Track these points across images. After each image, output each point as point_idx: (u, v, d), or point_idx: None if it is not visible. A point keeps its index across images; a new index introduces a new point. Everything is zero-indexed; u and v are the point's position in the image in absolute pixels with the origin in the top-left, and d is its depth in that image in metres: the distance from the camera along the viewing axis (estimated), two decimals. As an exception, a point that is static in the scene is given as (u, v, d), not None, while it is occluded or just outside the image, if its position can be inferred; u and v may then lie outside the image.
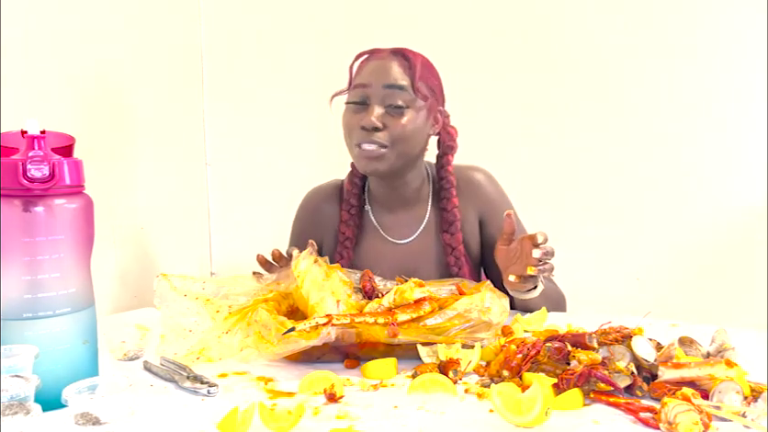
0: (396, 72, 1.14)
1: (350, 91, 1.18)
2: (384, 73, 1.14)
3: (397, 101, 1.13)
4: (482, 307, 0.94)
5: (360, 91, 1.15)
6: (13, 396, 0.66)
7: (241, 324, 0.96)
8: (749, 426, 0.69)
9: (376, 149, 1.14)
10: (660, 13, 1.61)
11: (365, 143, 1.14)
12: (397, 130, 1.14)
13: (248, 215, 1.77)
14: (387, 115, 1.14)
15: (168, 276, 1.02)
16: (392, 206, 1.27)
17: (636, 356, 0.82)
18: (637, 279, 1.64)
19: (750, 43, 1.54)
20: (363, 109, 1.15)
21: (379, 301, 0.97)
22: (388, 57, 1.16)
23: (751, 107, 1.58)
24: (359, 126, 1.14)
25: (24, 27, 1.10)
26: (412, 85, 1.14)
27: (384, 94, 1.13)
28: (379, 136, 1.13)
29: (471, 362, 0.90)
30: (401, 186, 1.24)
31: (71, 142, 0.88)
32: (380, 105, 1.14)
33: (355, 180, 1.28)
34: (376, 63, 1.16)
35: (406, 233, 1.26)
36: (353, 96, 1.17)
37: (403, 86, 1.14)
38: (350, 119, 1.16)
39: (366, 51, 1.19)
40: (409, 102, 1.14)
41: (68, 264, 0.77)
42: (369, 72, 1.15)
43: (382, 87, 1.13)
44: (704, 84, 1.62)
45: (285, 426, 0.70)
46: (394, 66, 1.15)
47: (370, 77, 1.15)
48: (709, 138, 1.62)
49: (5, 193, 0.74)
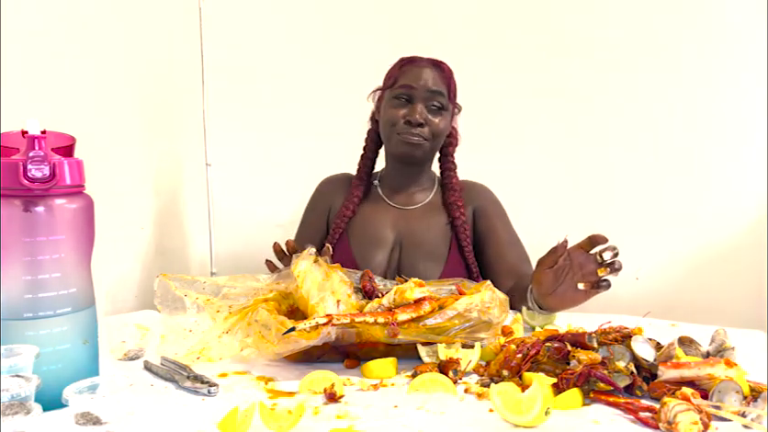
0: (436, 80, 1.32)
1: (395, 89, 1.33)
2: (428, 79, 1.32)
3: (437, 104, 1.32)
4: (482, 307, 0.94)
5: (406, 89, 1.32)
6: (13, 396, 0.66)
7: (241, 323, 0.96)
8: (748, 425, 0.69)
9: (418, 140, 1.31)
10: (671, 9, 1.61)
11: (408, 135, 1.31)
12: (435, 128, 1.32)
13: (248, 215, 1.77)
14: (427, 113, 1.31)
15: (168, 276, 1.02)
16: (400, 188, 1.41)
17: (635, 355, 0.82)
18: (636, 279, 1.64)
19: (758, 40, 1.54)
20: (405, 105, 1.32)
21: (379, 301, 0.97)
22: (428, 66, 1.34)
23: (753, 108, 1.57)
24: (404, 119, 1.31)
25: (24, 27, 1.10)
26: (448, 93, 1.33)
27: (427, 96, 1.31)
28: (421, 131, 1.31)
29: (471, 362, 0.90)
30: (416, 173, 1.40)
31: (71, 142, 0.88)
32: (423, 104, 1.31)
33: (367, 162, 1.42)
34: (420, 70, 1.33)
35: (411, 203, 1.40)
36: (398, 92, 1.33)
37: (443, 92, 1.32)
38: (394, 112, 1.32)
39: (407, 58, 1.36)
40: (445, 105, 1.33)
41: (68, 264, 0.77)
42: (415, 76, 1.32)
43: (426, 91, 1.31)
44: (703, 84, 1.62)
45: (285, 425, 0.70)
46: (435, 76, 1.32)
47: (416, 80, 1.31)
48: (710, 138, 1.62)
49: (5, 193, 0.74)
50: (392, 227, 1.37)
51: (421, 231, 1.35)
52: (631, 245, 1.67)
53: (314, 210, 1.46)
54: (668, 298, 1.58)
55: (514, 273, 1.30)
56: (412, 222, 1.37)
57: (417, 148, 1.32)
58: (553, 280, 1.04)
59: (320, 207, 1.45)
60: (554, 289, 1.04)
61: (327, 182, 1.48)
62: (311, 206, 1.47)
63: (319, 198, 1.46)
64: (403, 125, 1.31)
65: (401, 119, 1.31)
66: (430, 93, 1.31)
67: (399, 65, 1.36)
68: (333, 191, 1.45)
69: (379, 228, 1.36)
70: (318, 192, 1.48)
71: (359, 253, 1.33)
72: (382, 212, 1.39)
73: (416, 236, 1.35)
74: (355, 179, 1.42)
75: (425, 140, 1.32)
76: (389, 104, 1.34)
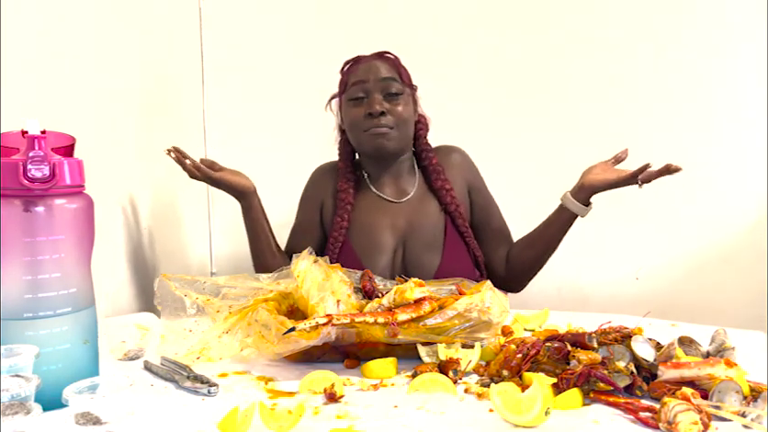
0: (385, 69, 1.32)
1: (348, 90, 1.33)
2: (377, 70, 1.32)
3: (392, 89, 1.31)
4: (482, 307, 0.94)
5: (359, 87, 1.31)
6: (13, 396, 0.66)
7: (241, 323, 0.96)
8: (748, 425, 0.69)
9: (385, 129, 1.30)
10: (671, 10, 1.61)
11: (373, 128, 1.29)
12: (397, 114, 1.31)
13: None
14: (385, 102, 1.30)
15: (168, 276, 1.02)
16: (386, 180, 1.39)
17: (635, 355, 0.82)
18: (636, 279, 1.64)
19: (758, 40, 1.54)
20: (362, 103, 1.31)
21: (379, 301, 0.97)
22: (372, 59, 1.34)
23: (753, 108, 1.57)
24: (365, 114, 1.30)
25: (24, 27, 1.10)
26: (400, 77, 1.33)
27: (381, 86, 1.31)
28: (385, 120, 1.29)
29: (471, 362, 0.90)
30: (396, 165, 1.38)
31: (71, 142, 0.88)
32: (379, 94, 1.30)
33: (348, 160, 1.40)
34: (366, 65, 1.33)
35: (402, 195, 1.38)
36: (353, 93, 1.32)
37: (395, 78, 1.32)
38: (355, 112, 1.32)
39: (351, 59, 1.36)
40: (401, 90, 1.32)
41: (68, 264, 0.77)
42: (363, 71, 1.32)
43: (378, 81, 1.30)
44: (703, 84, 1.62)
45: (285, 425, 0.70)
46: (382, 65, 1.33)
47: (366, 74, 1.31)
48: (710, 137, 1.62)
49: (5, 193, 0.74)
50: (391, 227, 1.34)
51: (419, 223, 1.34)
52: (631, 245, 1.69)
53: (306, 207, 1.43)
54: (668, 298, 1.58)
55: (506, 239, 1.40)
56: (409, 216, 1.35)
57: (386, 138, 1.30)
58: (602, 169, 1.26)
59: (311, 204, 1.42)
60: (598, 173, 1.25)
61: (317, 175, 1.46)
62: (303, 202, 1.44)
63: (310, 193, 1.44)
64: (365, 120, 1.30)
65: (362, 116, 1.30)
66: (382, 81, 1.30)
67: (345, 68, 1.36)
68: (324, 184, 1.42)
69: (379, 230, 1.34)
70: (308, 187, 1.45)
71: (365, 257, 1.32)
72: (378, 212, 1.36)
73: (415, 230, 1.33)
74: (342, 182, 1.38)
75: (391, 128, 1.30)
76: (347, 107, 1.34)
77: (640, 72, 1.65)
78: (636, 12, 1.65)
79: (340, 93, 1.37)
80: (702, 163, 1.59)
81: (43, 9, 1.15)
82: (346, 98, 1.34)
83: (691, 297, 1.59)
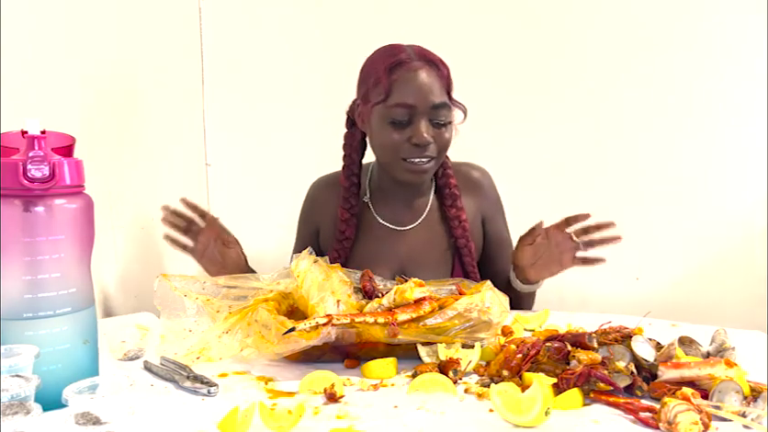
0: (437, 89, 1.15)
1: (389, 106, 1.15)
2: (428, 92, 1.14)
3: (441, 118, 1.16)
4: (482, 307, 0.94)
5: (405, 111, 1.14)
6: (13, 396, 0.66)
7: (241, 323, 0.96)
8: (748, 425, 0.69)
9: (426, 162, 1.17)
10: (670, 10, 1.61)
11: (416, 158, 1.16)
12: (442, 143, 1.17)
13: (248, 215, 1.77)
14: (432, 129, 1.16)
15: (168, 276, 1.02)
16: (395, 198, 1.28)
17: (635, 356, 0.82)
18: (636, 279, 1.64)
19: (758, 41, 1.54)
20: (405, 126, 1.15)
21: (379, 301, 0.97)
22: (422, 67, 1.15)
23: (753, 108, 1.57)
24: (409, 142, 1.15)
25: (24, 27, 1.10)
26: (449, 97, 1.18)
27: (430, 112, 1.15)
28: (429, 151, 1.16)
29: (471, 362, 0.90)
30: (415, 190, 1.28)
31: (71, 142, 0.88)
32: (427, 121, 1.15)
33: (352, 178, 1.27)
34: (414, 77, 1.14)
35: (408, 221, 1.27)
36: (398, 115, 1.15)
37: (446, 104, 1.16)
38: (395, 136, 1.15)
39: (395, 60, 1.16)
40: (450, 117, 1.18)
41: (68, 264, 0.77)
42: (413, 89, 1.14)
43: (429, 108, 1.14)
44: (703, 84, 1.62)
45: (285, 425, 0.70)
46: (434, 83, 1.15)
47: (416, 97, 1.14)
48: (710, 138, 1.62)
49: (5, 193, 0.74)
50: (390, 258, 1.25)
51: (422, 258, 1.25)
52: (631, 245, 1.68)
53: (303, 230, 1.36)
54: (668, 298, 1.58)
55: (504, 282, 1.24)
56: (413, 246, 1.26)
57: (426, 173, 1.19)
58: (532, 255, 1.16)
59: (308, 227, 1.35)
60: (533, 263, 1.16)
61: (316, 192, 1.36)
62: (301, 224, 1.37)
63: (307, 215, 1.36)
64: (407, 147, 1.15)
65: (406, 143, 1.15)
66: (434, 108, 1.14)
67: (386, 70, 1.15)
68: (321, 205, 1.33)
69: (376, 263, 1.22)
70: (306, 207, 1.37)
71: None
72: (377, 241, 1.26)
73: (418, 265, 1.24)
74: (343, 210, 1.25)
75: (433, 158, 1.17)
76: (384, 123, 1.16)
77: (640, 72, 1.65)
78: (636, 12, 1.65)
79: (376, 99, 1.16)
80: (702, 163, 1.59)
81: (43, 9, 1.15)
82: (384, 112, 1.15)
83: (691, 297, 1.59)
